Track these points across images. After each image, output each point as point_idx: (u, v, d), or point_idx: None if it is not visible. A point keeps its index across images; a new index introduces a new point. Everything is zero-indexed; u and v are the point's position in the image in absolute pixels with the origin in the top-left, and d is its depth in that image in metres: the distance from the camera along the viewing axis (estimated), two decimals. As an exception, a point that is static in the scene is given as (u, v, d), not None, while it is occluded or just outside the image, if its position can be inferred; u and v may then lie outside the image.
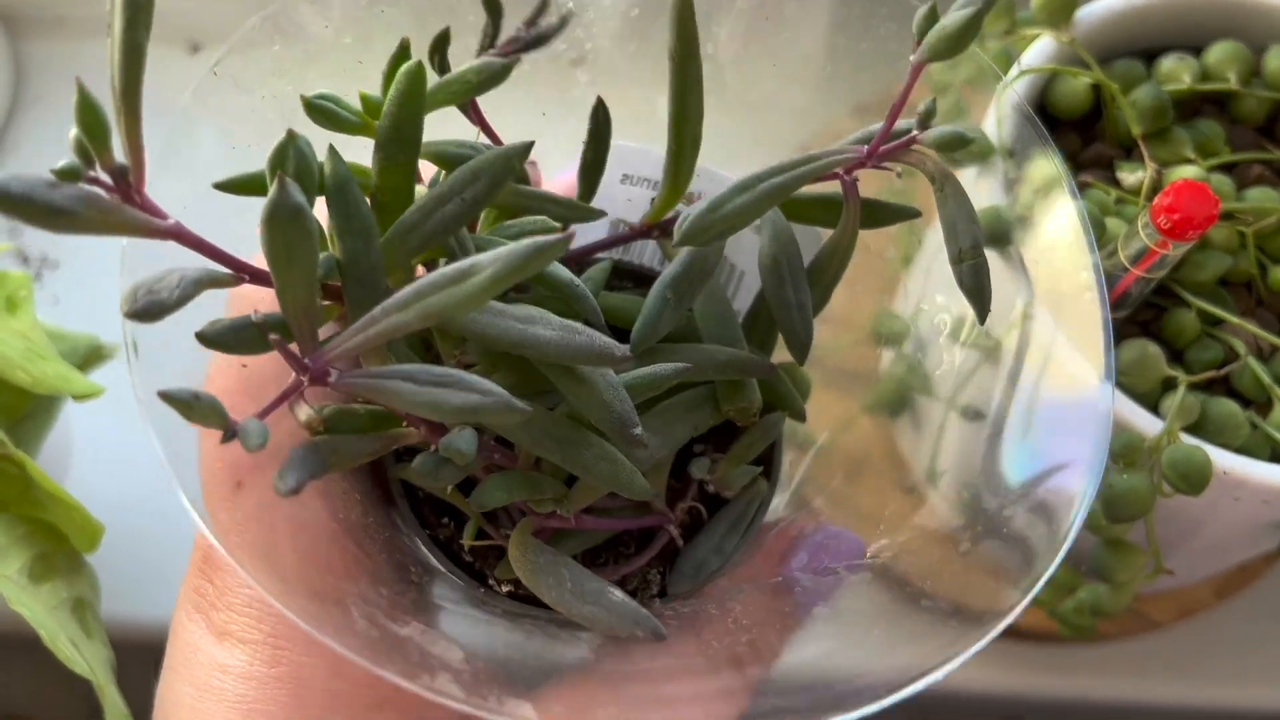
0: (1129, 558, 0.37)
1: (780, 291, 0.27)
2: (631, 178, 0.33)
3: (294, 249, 0.21)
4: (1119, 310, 0.36)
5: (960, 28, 0.24)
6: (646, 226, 0.28)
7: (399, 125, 0.24)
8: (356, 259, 0.24)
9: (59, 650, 0.35)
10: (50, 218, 0.19)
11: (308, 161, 0.23)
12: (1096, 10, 0.41)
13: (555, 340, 0.23)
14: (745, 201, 0.25)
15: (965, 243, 0.25)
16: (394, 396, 0.22)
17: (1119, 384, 0.36)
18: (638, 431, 0.25)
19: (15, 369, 0.38)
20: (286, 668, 0.27)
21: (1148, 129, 0.39)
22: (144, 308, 0.21)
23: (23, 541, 0.40)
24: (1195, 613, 0.52)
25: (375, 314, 0.22)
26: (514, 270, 0.21)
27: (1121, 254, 0.34)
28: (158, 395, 0.21)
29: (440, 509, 0.31)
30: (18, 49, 0.66)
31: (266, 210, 0.21)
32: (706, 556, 0.30)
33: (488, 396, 0.21)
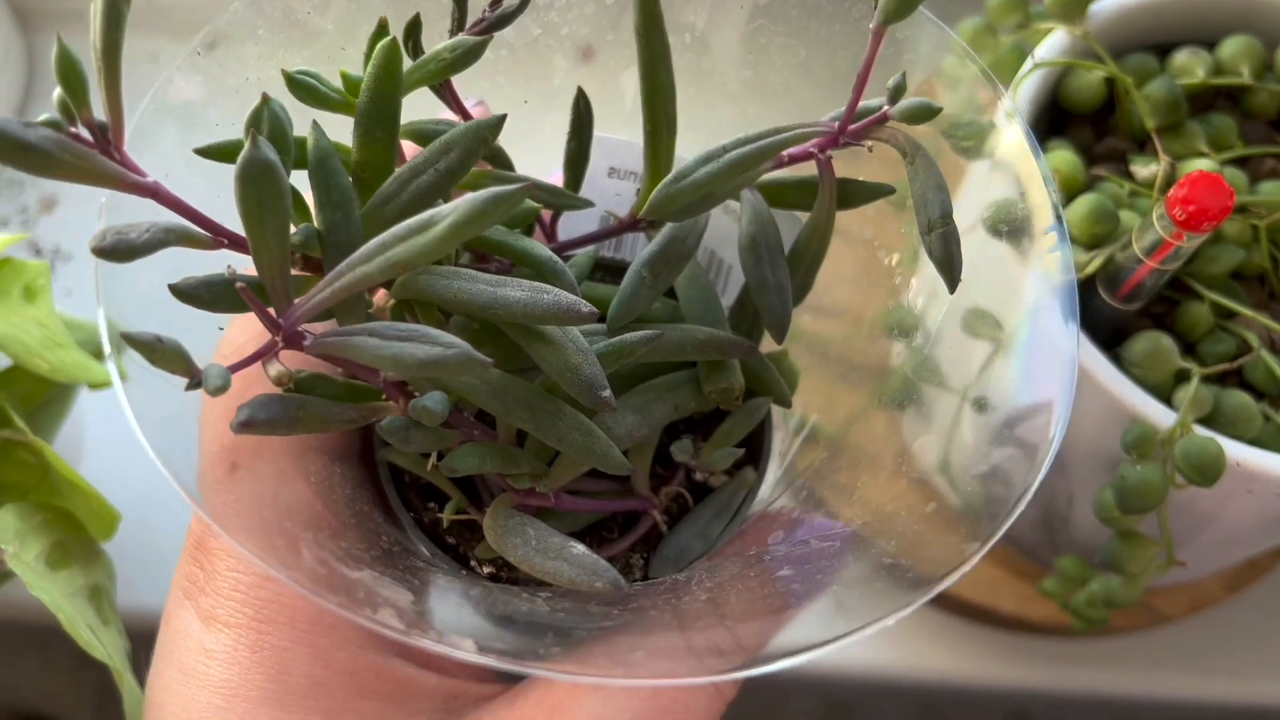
0: (1141, 549, 0.37)
1: (759, 271, 0.27)
2: (619, 171, 0.34)
3: (266, 205, 0.21)
4: (1132, 302, 0.36)
5: None
6: (634, 219, 0.28)
7: (377, 101, 0.25)
8: (336, 229, 0.24)
9: (78, 635, 0.35)
10: (23, 155, 0.19)
11: (282, 125, 0.23)
12: (1110, 4, 0.41)
13: (523, 299, 0.23)
14: (711, 170, 0.25)
15: (934, 213, 0.26)
16: (359, 351, 0.22)
17: (1132, 376, 0.36)
18: (606, 394, 0.24)
19: (34, 357, 0.38)
20: (269, 652, 0.26)
21: (1161, 122, 0.39)
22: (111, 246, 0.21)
23: (40, 528, 0.40)
24: (1205, 606, 0.52)
25: (341, 268, 0.22)
26: (473, 218, 0.21)
27: (1136, 246, 0.34)
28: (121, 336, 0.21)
29: (426, 494, 0.31)
30: (31, 42, 0.67)
31: (240, 166, 0.21)
32: (690, 542, 0.30)
33: (449, 348, 0.22)
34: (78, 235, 0.62)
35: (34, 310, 0.40)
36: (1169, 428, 0.35)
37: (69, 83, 0.20)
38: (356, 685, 0.27)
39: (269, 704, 0.26)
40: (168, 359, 0.21)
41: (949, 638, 0.55)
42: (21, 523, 0.39)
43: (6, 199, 0.63)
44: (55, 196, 0.63)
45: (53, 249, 0.62)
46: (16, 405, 0.41)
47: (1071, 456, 0.40)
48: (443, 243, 0.21)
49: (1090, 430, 0.38)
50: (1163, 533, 0.36)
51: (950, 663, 0.56)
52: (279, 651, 0.26)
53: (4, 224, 0.63)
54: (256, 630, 0.27)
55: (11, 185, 0.64)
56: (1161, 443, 0.35)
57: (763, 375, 0.30)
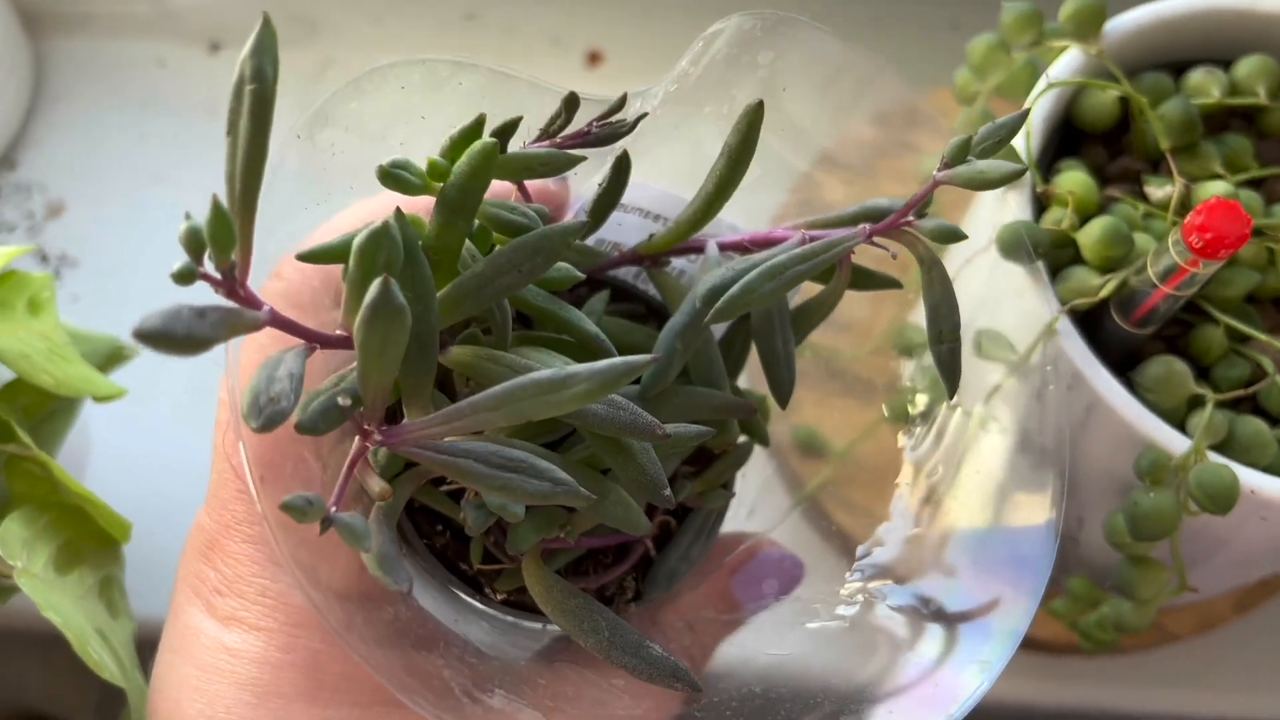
0: (1153, 574, 0.36)
1: (770, 342, 0.30)
2: (626, 206, 0.35)
3: (388, 343, 0.22)
4: (1145, 327, 0.36)
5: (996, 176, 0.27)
6: (641, 255, 0.31)
7: (464, 194, 0.26)
8: (417, 320, 0.24)
9: (88, 657, 0.35)
10: (199, 346, 0.20)
11: (397, 250, 0.24)
12: (1124, 23, 0.41)
13: (602, 414, 0.25)
14: (774, 287, 0.28)
15: (945, 325, 0.28)
16: (469, 477, 0.23)
17: (1145, 401, 0.36)
18: (667, 492, 0.27)
19: (39, 371, 0.38)
20: (302, 654, 0.28)
21: (1176, 143, 0.39)
22: (268, 419, 0.21)
23: (47, 532, 0.40)
24: (1214, 626, 0.51)
25: (463, 408, 0.23)
26: (605, 388, 0.23)
27: (1150, 271, 0.34)
28: (279, 507, 0.22)
29: (434, 519, 0.32)
30: (38, 47, 0.66)
31: (368, 309, 0.21)
32: (676, 565, 0.33)
33: (559, 486, 0.23)
34: (85, 241, 0.62)
35: (39, 323, 0.40)
36: (1182, 454, 0.34)
37: (218, 239, 0.21)
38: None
39: (303, 700, 0.28)
40: (314, 515, 0.22)
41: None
42: (28, 529, 0.39)
43: (13, 204, 0.63)
44: (62, 202, 0.63)
45: (59, 255, 0.62)
46: (20, 419, 0.41)
47: (1082, 479, 0.40)
48: (574, 404, 0.23)
49: (1102, 454, 0.38)
50: (1175, 559, 0.36)
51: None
52: (312, 653, 0.28)
53: (10, 229, 0.63)
54: (288, 634, 0.28)
55: (19, 190, 0.64)
56: (1175, 469, 0.34)
57: (750, 422, 0.33)
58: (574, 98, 0.28)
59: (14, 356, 0.38)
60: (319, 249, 0.26)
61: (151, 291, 0.61)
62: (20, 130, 0.65)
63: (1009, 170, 0.26)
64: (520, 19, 0.69)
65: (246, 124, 0.21)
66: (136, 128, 0.65)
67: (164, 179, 0.64)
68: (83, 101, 0.66)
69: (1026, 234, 0.36)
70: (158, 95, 0.66)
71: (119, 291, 0.61)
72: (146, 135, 0.65)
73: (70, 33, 0.67)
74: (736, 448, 0.34)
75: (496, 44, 0.68)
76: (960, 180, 0.27)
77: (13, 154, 0.64)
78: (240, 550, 0.28)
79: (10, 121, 0.64)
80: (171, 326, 0.19)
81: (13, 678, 0.75)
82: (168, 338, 0.20)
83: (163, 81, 0.66)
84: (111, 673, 0.36)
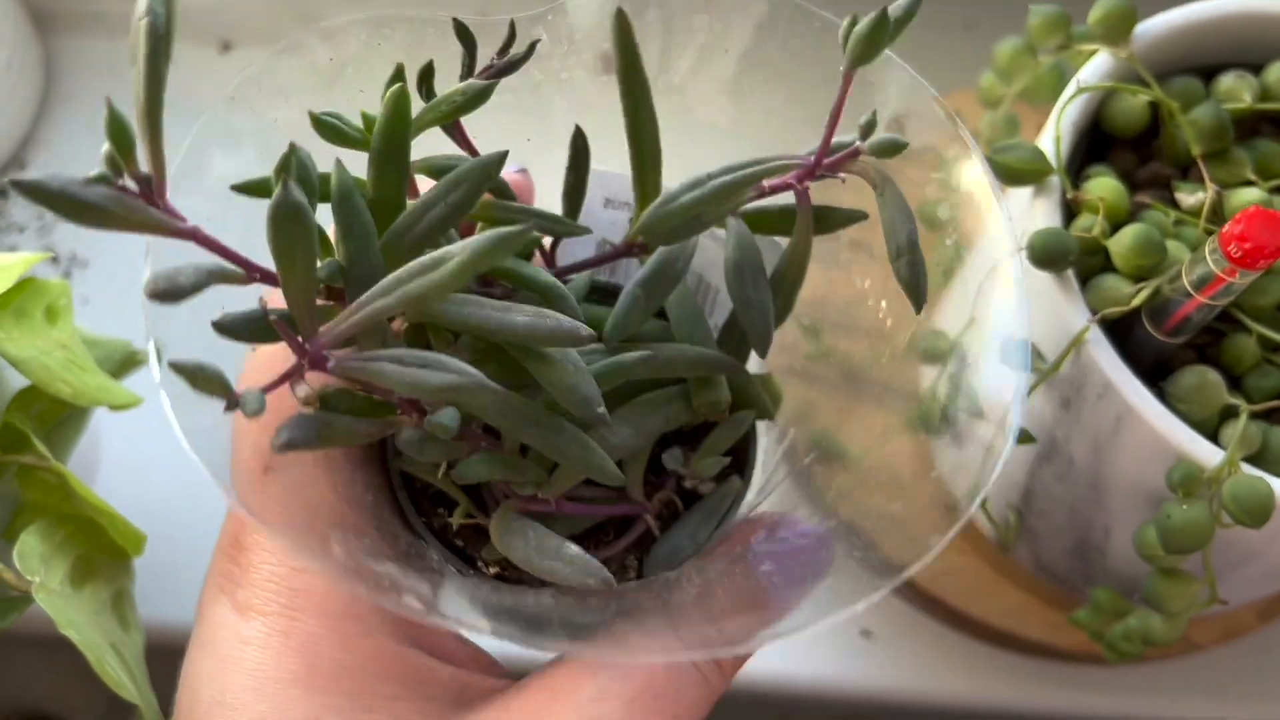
0: (1184, 587, 0.36)
1: (743, 291, 0.30)
2: (613, 202, 0.36)
3: (296, 243, 0.24)
4: (1177, 336, 0.36)
5: (870, 29, 0.27)
6: (628, 244, 0.31)
7: (389, 141, 0.27)
8: (357, 261, 0.26)
9: (105, 675, 0.34)
10: (82, 212, 0.22)
11: (307, 168, 0.26)
12: (1154, 26, 0.40)
13: (527, 324, 0.26)
14: (696, 195, 0.28)
15: (901, 240, 0.28)
16: (380, 375, 0.25)
17: (1177, 411, 0.35)
18: (601, 410, 0.27)
19: (57, 380, 0.38)
20: (300, 638, 0.28)
21: (1207, 149, 0.38)
22: (164, 290, 0.23)
23: (64, 547, 0.39)
24: (1238, 635, 0.51)
25: (362, 300, 0.25)
26: (480, 257, 0.24)
27: (1185, 279, 0.33)
28: (169, 366, 0.23)
29: (436, 500, 0.33)
30: (48, 46, 0.66)
31: (272, 208, 0.23)
32: (681, 543, 0.32)
33: (464, 377, 0.24)
34: (95, 242, 0.62)
35: (56, 332, 0.40)
36: (1216, 466, 0.34)
37: (118, 142, 0.23)
38: (379, 670, 0.29)
39: (298, 685, 0.28)
40: (209, 384, 0.24)
41: (974, 661, 0.55)
42: (45, 544, 0.39)
43: (23, 205, 0.63)
44: (72, 203, 0.63)
45: (69, 256, 0.62)
46: (35, 427, 0.40)
47: (1111, 489, 0.39)
48: (453, 279, 0.24)
49: (1131, 464, 0.37)
50: (1207, 572, 0.36)
51: (974, 686, 0.55)
52: (309, 637, 0.28)
53: (21, 230, 0.62)
54: (289, 617, 0.29)
55: (28, 192, 0.63)
56: (1208, 482, 0.34)
57: (748, 391, 0.32)
58: (461, 27, 0.30)
59: (33, 366, 0.37)
60: (250, 181, 0.28)
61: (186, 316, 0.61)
62: (31, 130, 0.64)
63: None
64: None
65: (144, 48, 0.24)
66: (147, 128, 0.65)
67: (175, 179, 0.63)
68: (93, 101, 0.65)
69: (1056, 241, 0.36)
70: (168, 95, 0.65)
71: (129, 293, 0.61)
72: (158, 136, 0.64)
73: (81, 32, 0.67)
74: (732, 417, 0.33)
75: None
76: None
77: (23, 154, 0.64)
78: (253, 541, 0.30)
79: (21, 121, 0.63)
80: (41, 184, 0.21)
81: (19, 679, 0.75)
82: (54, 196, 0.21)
83: (173, 81, 0.65)
84: (129, 691, 0.36)
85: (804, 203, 0.29)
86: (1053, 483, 0.42)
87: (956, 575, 0.52)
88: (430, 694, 0.29)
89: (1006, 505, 0.46)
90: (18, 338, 0.39)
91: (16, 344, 0.38)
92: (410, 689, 0.29)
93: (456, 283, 0.24)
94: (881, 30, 0.27)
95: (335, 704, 0.28)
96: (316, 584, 0.29)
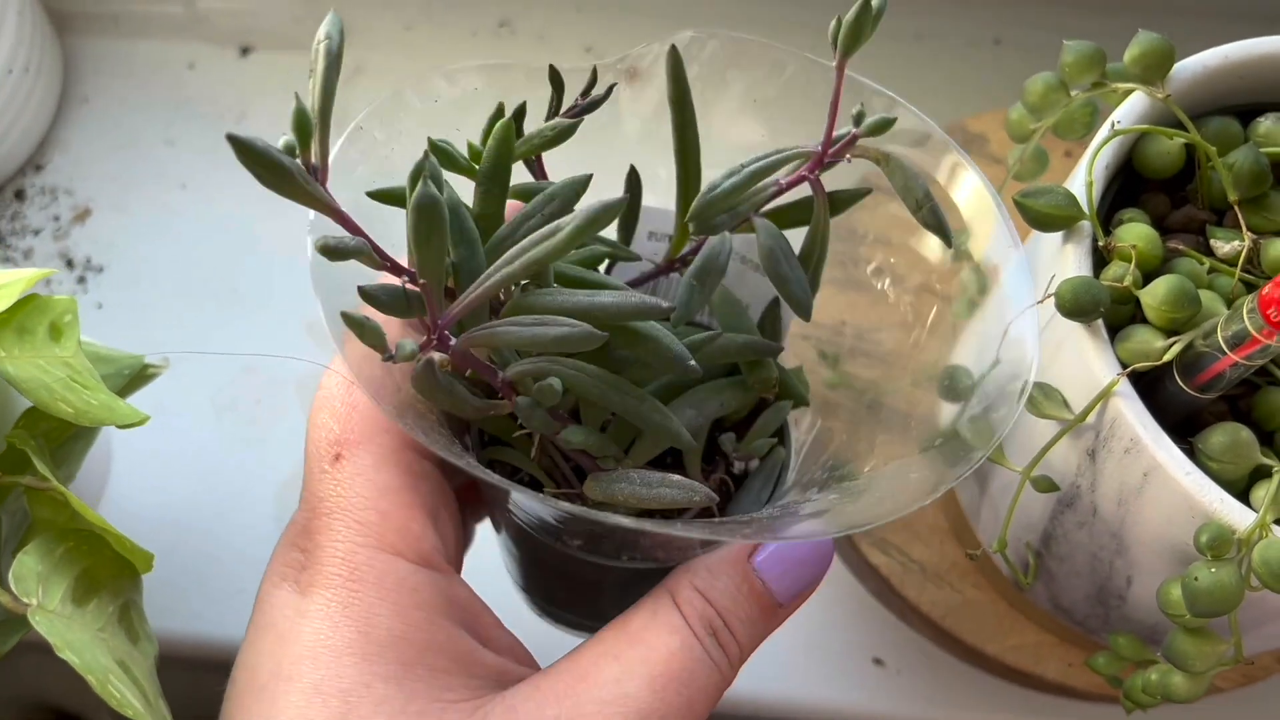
0: (1208, 647, 0.35)
1: (778, 270, 0.33)
2: (656, 234, 0.39)
3: (433, 229, 0.27)
4: (1208, 391, 0.35)
5: (854, 19, 0.30)
6: (669, 263, 0.35)
7: (495, 166, 0.31)
8: (466, 262, 0.30)
9: (110, 697, 0.34)
10: (276, 174, 0.25)
11: (438, 174, 0.29)
12: (1190, 66, 0.39)
13: (615, 302, 0.29)
14: (735, 182, 0.32)
15: (918, 195, 0.32)
16: (505, 336, 0.28)
17: (1207, 470, 0.34)
18: (692, 362, 0.30)
19: (58, 400, 0.37)
20: (358, 609, 0.30)
21: (1244, 194, 0.37)
22: (331, 247, 0.27)
23: (64, 563, 0.39)
24: (1258, 679, 0.50)
25: (489, 271, 0.28)
26: (590, 224, 0.27)
27: (1219, 336, 0.32)
28: (340, 315, 0.27)
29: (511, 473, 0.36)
30: (66, 47, 0.65)
31: (414, 199, 0.27)
32: (750, 506, 0.36)
33: (575, 328, 0.28)
34: (111, 246, 0.61)
35: (59, 350, 0.39)
36: (1247, 528, 0.33)
37: (301, 133, 0.26)
38: (431, 644, 0.30)
39: (353, 654, 0.29)
40: (371, 336, 0.27)
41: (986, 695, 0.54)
42: (44, 562, 0.38)
43: (38, 207, 0.62)
44: (89, 206, 0.62)
45: (85, 260, 0.61)
46: (40, 446, 0.40)
47: (1134, 541, 0.38)
48: (569, 242, 0.27)
49: (1157, 520, 0.36)
50: (1233, 633, 0.35)
51: (987, 719, 0.54)
52: (367, 607, 0.30)
53: (36, 233, 0.62)
54: (349, 589, 0.30)
55: (43, 194, 0.63)
56: (1238, 544, 0.33)
57: (786, 383, 0.37)
58: (555, 73, 0.33)
59: (33, 386, 0.37)
60: (385, 189, 0.31)
61: (179, 298, 0.61)
62: (48, 131, 0.64)
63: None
64: (554, 28, 0.67)
65: (321, 65, 0.27)
66: (165, 131, 0.64)
67: (191, 184, 0.63)
68: (111, 103, 0.65)
69: (1086, 291, 0.35)
70: (187, 98, 0.65)
71: (144, 299, 0.60)
72: (175, 139, 0.64)
73: (100, 33, 0.66)
74: (775, 404, 0.37)
75: (529, 52, 0.66)
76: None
77: (40, 156, 0.63)
78: (321, 524, 0.31)
79: (38, 123, 0.63)
80: (254, 144, 0.24)
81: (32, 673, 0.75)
82: (250, 154, 0.24)
83: (192, 84, 0.65)
84: (135, 710, 0.35)
85: (819, 190, 0.33)
86: (1074, 529, 0.41)
87: (972, 610, 0.51)
88: (474, 673, 0.31)
89: (1025, 545, 0.45)
90: (18, 356, 0.38)
91: (16, 364, 0.37)
92: (457, 665, 0.31)
93: (570, 246, 0.27)
94: (865, 19, 0.30)
95: (388, 672, 0.30)
96: (378, 560, 0.31)
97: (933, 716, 0.54)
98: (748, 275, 0.40)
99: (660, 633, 0.31)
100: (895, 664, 0.55)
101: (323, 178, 0.27)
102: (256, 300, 0.60)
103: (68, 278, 0.61)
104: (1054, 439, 0.37)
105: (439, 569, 0.32)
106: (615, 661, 0.31)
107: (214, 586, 0.55)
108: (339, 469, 0.32)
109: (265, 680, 0.30)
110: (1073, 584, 0.44)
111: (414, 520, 0.31)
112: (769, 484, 0.37)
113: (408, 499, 0.32)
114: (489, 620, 0.33)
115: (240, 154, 0.24)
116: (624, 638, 0.31)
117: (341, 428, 0.32)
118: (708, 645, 0.31)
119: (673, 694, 0.30)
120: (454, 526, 0.34)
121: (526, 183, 0.34)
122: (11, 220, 0.62)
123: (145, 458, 0.56)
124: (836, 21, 0.31)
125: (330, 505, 0.31)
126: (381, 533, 0.31)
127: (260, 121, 0.64)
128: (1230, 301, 0.36)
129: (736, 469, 0.37)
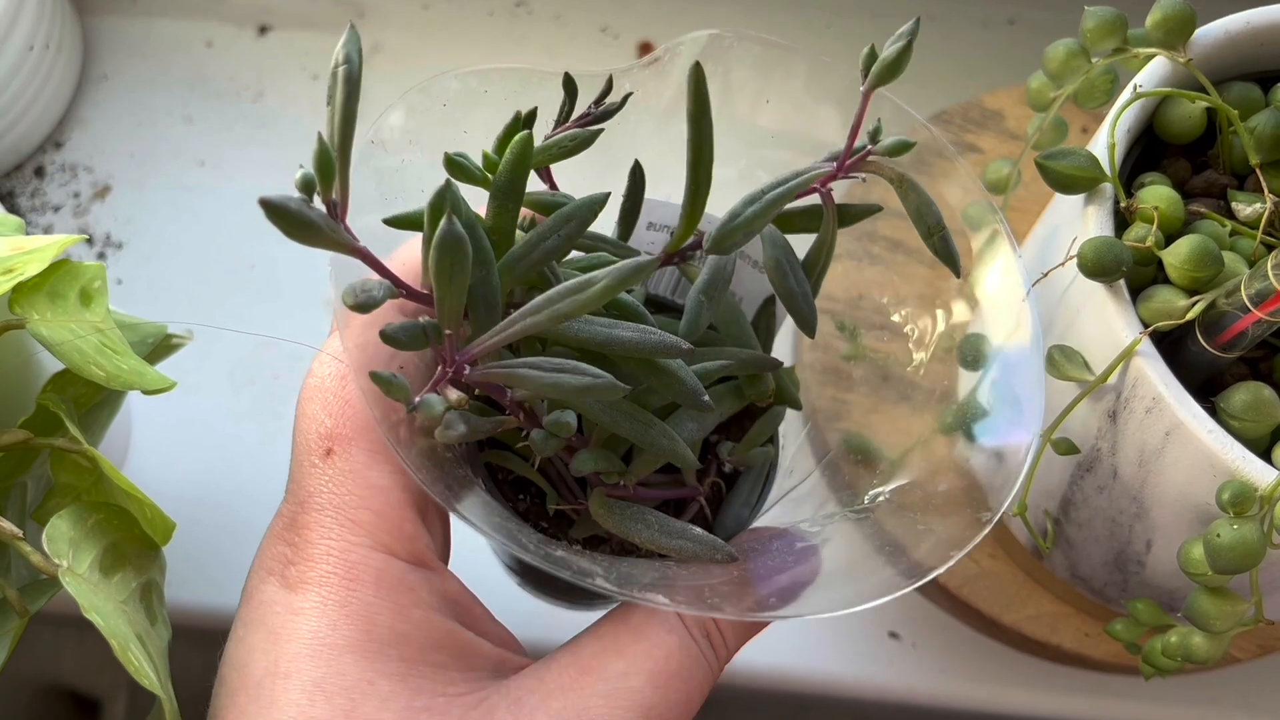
0: (1229, 606, 0.35)
1: (785, 283, 0.34)
2: (655, 225, 0.39)
3: (455, 267, 0.27)
4: (1231, 350, 0.35)
5: (894, 58, 0.31)
6: (669, 255, 0.34)
7: (510, 179, 0.31)
8: (480, 283, 0.29)
9: (129, 663, 0.34)
10: (302, 229, 0.25)
11: (459, 203, 0.29)
12: (1213, 31, 0.39)
13: (634, 339, 0.30)
14: (756, 210, 0.32)
15: (931, 222, 0.32)
16: (525, 381, 0.28)
17: (1229, 428, 0.35)
18: (705, 398, 0.31)
19: (90, 364, 0.37)
20: (357, 607, 0.30)
21: (1266, 158, 0.37)
22: (361, 303, 0.27)
23: (95, 533, 0.39)
24: (1275, 649, 0.50)
25: (514, 317, 0.28)
26: (622, 282, 0.28)
27: (1243, 294, 0.33)
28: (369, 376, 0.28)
29: (516, 488, 0.37)
30: (86, 25, 0.66)
31: (438, 238, 0.26)
32: (741, 510, 0.37)
33: (598, 379, 0.28)
34: (130, 223, 0.62)
35: (90, 315, 0.39)
36: (1269, 485, 0.33)
37: (323, 172, 0.26)
38: (430, 640, 0.31)
39: (353, 651, 0.30)
40: (397, 391, 0.28)
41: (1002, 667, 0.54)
42: (76, 529, 0.38)
43: (58, 184, 0.63)
44: (109, 183, 0.63)
45: (104, 236, 0.62)
46: (70, 410, 0.40)
47: (1155, 503, 0.38)
48: (599, 299, 0.28)
49: (1179, 479, 0.36)
50: (1254, 591, 0.35)
51: (1002, 692, 0.54)
52: (366, 606, 0.30)
53: (56, 209, 0.62)
54: (346, 588, 0.30)
55: (63, 170, 0.63)
56: (1260, 501, 0.33)
57: (781, 386, 0.37)
58: (569, 80, 0.33)
59: (67, 349, 0.37)
60: (401, 215, 0.31)
61: (197, 275, 0.61)
62: (68, 109, 0.64)
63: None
64: (571, 8, 0.67)
65: (340, 93, 0.26)
66: (183, 109, 0.64)
67: (210, 162, 0.63)
68: (130, 81, 0.65)
69: (1109, 251, 0.35)
70: (205, 76, 0.65)
71: (164, 275, 0.61)
72: (193, 117, 0.64)
73: (120, 11, 0.66)
74: (769, 411, 0.38)
75: (545, 33, 0.67)
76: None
77: (59, 133, 0.64)
78: (311, 520, 0.31)
79: (58, 100, 0.63)
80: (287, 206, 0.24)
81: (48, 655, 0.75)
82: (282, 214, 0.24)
83: (211, 63, 0.66)
84: (150, 680, 0.36)
85: (829, 203, 0.34)
86: (1094, 494, 0.41)
87: (989, 581, 0.51)
88: (473, 665, 0.31)
89: (1044, 513, 0.45)
90: (51, 320, 0.38)
91: (50, 327, 0.38)
92: (456, 659, 0.31)
93: (600, 303, 0.28)
94: (904, 58, 0.31)
95: (389, 669, 0.30)
96: (374, 560, 0.31)
97: (949, 689, 0.54)
98: (744, 270, 0.40)
99: (659, 630, 0.32)
100: (911, 637, 0.55)
101: (343, 213, 0.27)
102: (273, 276, 0.61)
103: (87, 254, 0.61)
104: (1074, 401, 0.37)
105: (431, 567, 0.32)
106: (619, 657, 0.31)
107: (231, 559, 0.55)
108: (330, 464, 0.31)
109: (260, 678, 0.30)
110: (1091, 551, 0.45)
111: (407, 520, 0.31)
112: (757, 486, 0.38)
113: (400, 498, 0.31)
114: (480, 612, 0.34)
115: (272, 217, 0.24)
116: (625, 633, 0.32)
117: (334, 421, 0.32)
118: (701, 646, 0.32)
119: (674, 690, 0.31)
120: (442, 521, 0.34)
121: (539, 192, 0.34)
122: (32, 197, 0.62)
123: (165, 431, 0.57)
124: (869, 52, 0.31)
125: (321, 501, 0.31)
126: (375, 533, 0.31)
127: (277, 99, 0.64)
128: (1252, 263, 0.36)
129: (727, 468, 0.38)
